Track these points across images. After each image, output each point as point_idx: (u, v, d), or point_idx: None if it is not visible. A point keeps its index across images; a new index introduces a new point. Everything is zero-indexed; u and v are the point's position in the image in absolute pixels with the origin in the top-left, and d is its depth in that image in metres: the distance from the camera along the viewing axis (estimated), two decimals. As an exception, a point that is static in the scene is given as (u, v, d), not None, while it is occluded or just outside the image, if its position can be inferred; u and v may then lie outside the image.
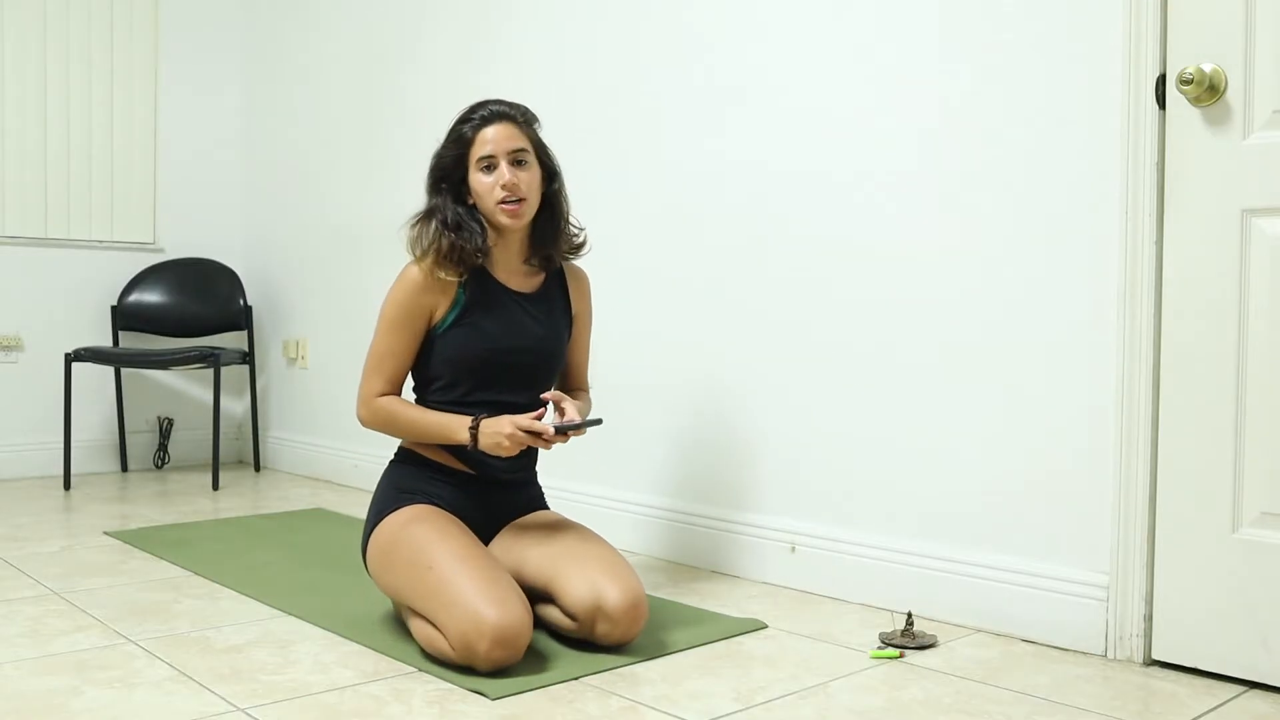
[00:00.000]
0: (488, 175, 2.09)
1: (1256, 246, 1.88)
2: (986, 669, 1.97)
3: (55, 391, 3.98)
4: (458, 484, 2.16)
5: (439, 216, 2.12)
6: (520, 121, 2.14)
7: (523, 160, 2.11)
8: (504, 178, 2.07)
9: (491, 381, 2.13)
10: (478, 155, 2.10)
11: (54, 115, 4.08)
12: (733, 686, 1.86)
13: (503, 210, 2.09)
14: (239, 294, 4.34)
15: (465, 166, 2.12)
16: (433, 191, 2.16)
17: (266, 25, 4.43)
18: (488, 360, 2.12)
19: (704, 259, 2.74)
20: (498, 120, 2.11)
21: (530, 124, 2.17)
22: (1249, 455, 1.89)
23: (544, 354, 2.19)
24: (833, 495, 2.48)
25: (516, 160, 2.10)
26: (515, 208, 2.09)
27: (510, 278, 2.19)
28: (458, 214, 2.12)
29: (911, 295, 2.33)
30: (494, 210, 2.09)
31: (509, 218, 2.09)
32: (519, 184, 2.08)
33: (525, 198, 2.10)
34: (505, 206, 2.08)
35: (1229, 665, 1.91)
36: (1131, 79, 1.99)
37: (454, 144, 2.13)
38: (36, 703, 1.72)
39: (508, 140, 2.10)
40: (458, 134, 2.13)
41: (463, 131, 2.12)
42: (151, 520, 3.26)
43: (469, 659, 1.84)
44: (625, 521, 2.90)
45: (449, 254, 2.09)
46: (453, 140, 2.14)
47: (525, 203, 2.10)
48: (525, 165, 2.11)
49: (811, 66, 2.51)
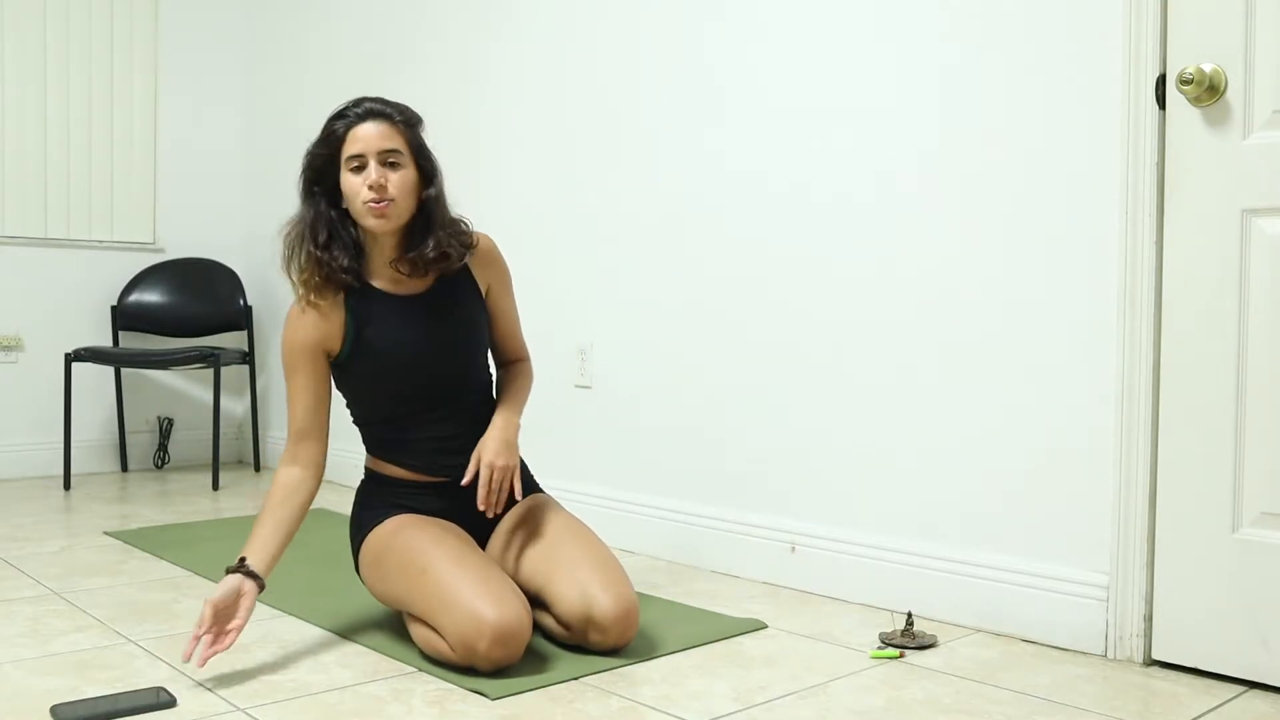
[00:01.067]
0: (356, 175, 1.98)
1: (1256, 246, 1.88)
2: (986, 669, 1.97)
3: (55, 391, 3.99)
4: (432, 493, 2.13)
5: (307, 230, 2.03)
6: (397, 121, 2.02)
7: (395, 162, 1.99)
8: (370, 178, 1.96)
9: (412, 395, 2.09)
10: (348, 154, 1.99)
11: (54, 115, 4.08)
12: (733, 686, 1.86)
13: (370, 210, 1.97)
14: (239, 294, 4.34)
15: (337, 169, 2.02)
16: (305, 196, 2.06)
17: (267, 25, 4.43)
18: (396, 380, 2.07)
19: (703, 259, 2.74)
20: (371, 119, 2.00)
21: (410, 125, 2.05)
22: (1249, 455, 1.89)
23: (453, 353, 2.11)
24: (833, 495, 2.48)
25: (388, 161, 1.99)
26: (382, 208, 1.97)
27: (396, 284, 2.08)
28: (330, 223, 2.03)
29: (911, 295, 2.33)
30: (361, 211, 1.98)
31: (375, 218, 1.98)
32: (386, 185, 1.97)
33: (393, 199, 1.98)
34: (372, 206, 1.97)
35: (1229, 665, 1.91)
36: (1131, 79, 1.99)
37: (325, 142, 2.02)
38: (36, 703, 1.72)
39: (380, 139, 1.98)
40: (329, 131, 2.02)
41: (335, 129, 2.01)
42: (151, 520, 3.26)
43: (469, 659, 1.84)
44: (625, 521, 2.90)
45: (319, 278, 2.01)
46: (324, 139, 2.03)
47: (393, 204, 1.98)
48: (397, 167, 1.99)
49: (810, 67, 2.51)
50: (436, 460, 2.12)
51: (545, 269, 3.14)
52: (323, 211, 2.03)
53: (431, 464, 2.12)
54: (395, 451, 2.12)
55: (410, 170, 2.02)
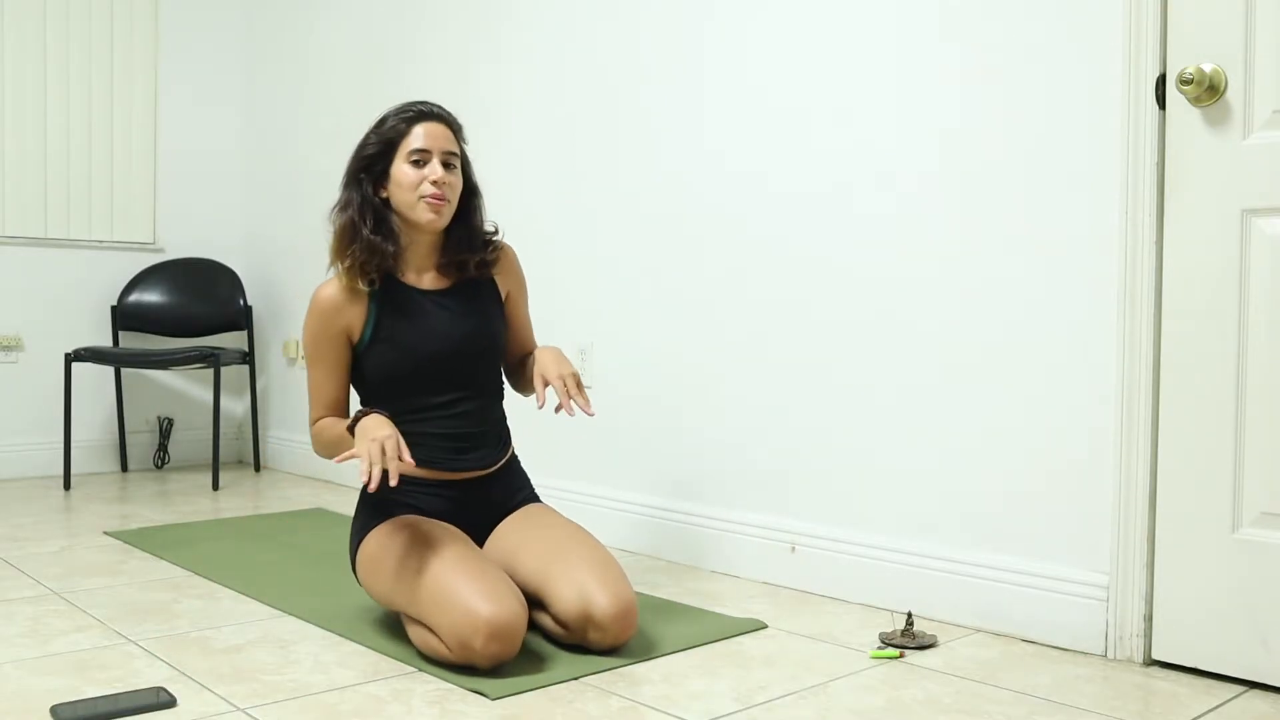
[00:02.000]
0: (416, 169, 2.06)
1: (1256, 246, 1.88)
2: (986, 669, 1.97)
3: (55, 391, 3.98)
4: (434, 492, 2.14)
5: (356, 210, 2.08)
6: (455, 129, 2.15)
7: (451, 165, 2.10)
8: (436, 173, 2.06)
9: (428, 388, 2.11)
10: (410, 148, 2.07)
11: (54, 115, 4.08)
12: (733, 686, 1.86)
13: (428, 204, 2.06)
14: (239, 294, 4.34)
15: (389, 160, 2.09)
16: (351, 182, 2.12)
17: (267, 25, 4.43)
18: (414, 372, 2.10)
19: (703, 259, 2.74)
20: (435, 120, 2.11)
21: (461, 135, 2.16)
22: (1249, 455, 1.89)
23: (474, 351, 2.16)
24: (833, 495, 2.48)
25: (447, 163, 2.09)
26: (440, 204, 2.06)
27: (421, 279, 2.16)
28: (376, 210, 2.09)
29: (911, 296, 2.33)
30: (415, 204, 2.06)
31: (432, 213, 2.06)
32: (449, 182, 2.08)
33: (451, 199, 2.09)
34: (432, 202, 2.05)
35: (1229, 665, 1.91)
36: (1131, 79, 1.99)
37: (384, 135, 2.10)
38: (36, 702, 1.72)
39: (444, 140, 2.09)
40: (388, 126, 2.10)
41: (395, 125, 2.09)
42: (151, 520, 3.26)
43: (466, 656, 1.84)
44: (625, 521, 2.90)
45: (367, 257, 2.06)
46: (383, 131, 2.10)
47: (448, 204, 2.09)
48: (453, 170, 2.11)
49: (810, 67, 2.51)
50: (443, 457, 2.12)
51: (546, 268, 3.14)
52: (369, 198, 2.10)
53: (438, 460, 2.12)
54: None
55: (460, 177, 2.13)
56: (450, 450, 2.13)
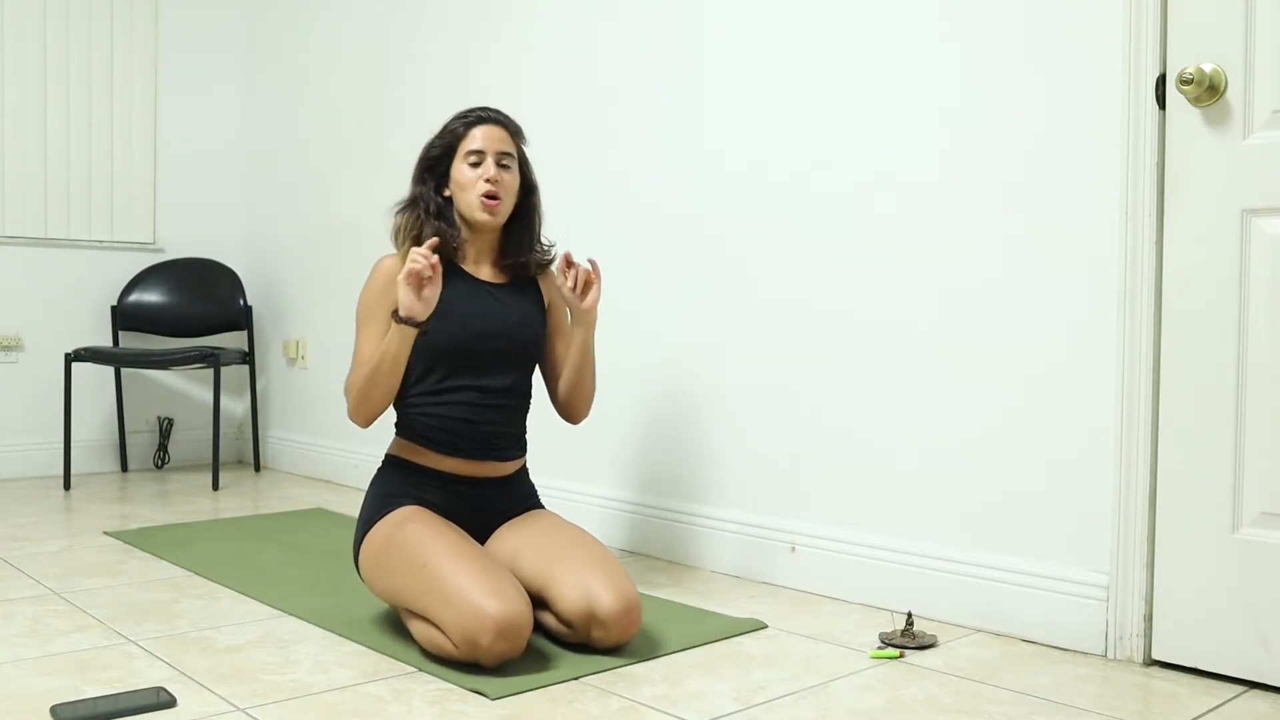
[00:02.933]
0: (473, 169, 2.18)
1: (1256, 246, 1.88)
2: (986, 669, 1.97)
3: (55, 391, 3.98)
4: (446, 486, 2.16)
5: (422, 205, 2.23)
6: (511, 131, 2.25)
7: (507, 164, 2.21)
8: (489, 172, 2.17)
9: (469, 366, 2.16)
10: (467, 149, 2.19)
11: (54, 115, 4.08)
12: (733, 686, 1.86)
13: (482, 203, 2.16)
14: (239, 294, 4.34)
15: (450, 160, 2.22)
16: (417, 181, 2.26)
17: (266, 25, 4.43)
18: (463, 344, 2.15)
19: (703, 258, 2.74)
20: (491, 123, 2.23)
21: (518, 137, 2.28)
22: (1249, 455, 1.89)
23: (518, 339, 2.22)
24: (832, 495, 2.48)
25: (501, 163, 2.20)
26: (494, 204, 2.17)
27: (479, 270, 2.26)
28: (440, 205, 2.22)
29: (911, 295, 2.33)
30: (473, 203, 2.18)
31: (486, 212, 2.17)
32: (502, 181, 2.18)
33: (502, 198, 2.18)
34: (486, 200, 2.16)
35: (1229, 665, 1.91)
36: (1131, 79, 1.99)
37: (445, 138, 2.24)
38: (36, 702, 1.72)
39: (499, 141, 2.21)
40: (450, 129, 2.24)
41: (455, 128, 2.23)
42: (151, 520, 3.26)
43: (473, 654, 1.85)
44: (625, 521, 2.90)
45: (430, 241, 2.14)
46: (444, 133, 2.24)
47: (503, 202, 2.19)
48: (509, 169, 2.21)
49: (810, 67, 2.51)
50: (469, 445, 2.15)
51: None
52: (432, 195, 2.24)
53: (462, 448, 2.14)
54: (426, 427, 2.15)
55: (517, 176, 2.24)
56: (476, 442, 2.16)
